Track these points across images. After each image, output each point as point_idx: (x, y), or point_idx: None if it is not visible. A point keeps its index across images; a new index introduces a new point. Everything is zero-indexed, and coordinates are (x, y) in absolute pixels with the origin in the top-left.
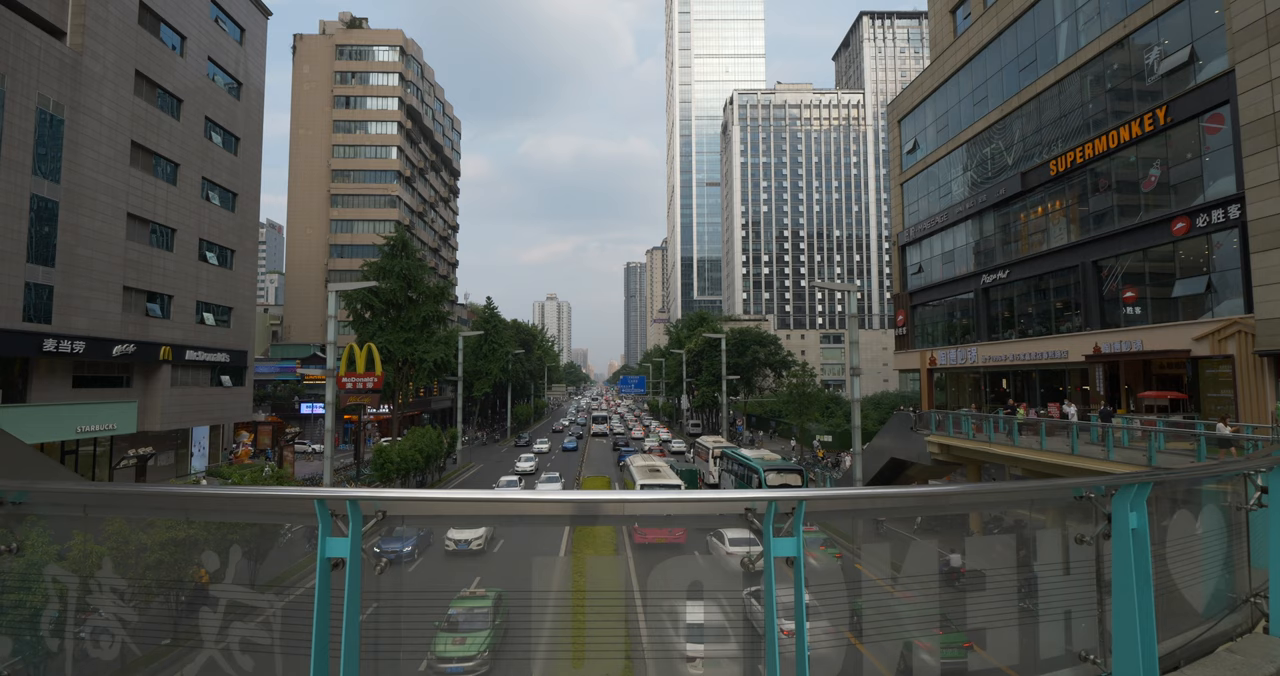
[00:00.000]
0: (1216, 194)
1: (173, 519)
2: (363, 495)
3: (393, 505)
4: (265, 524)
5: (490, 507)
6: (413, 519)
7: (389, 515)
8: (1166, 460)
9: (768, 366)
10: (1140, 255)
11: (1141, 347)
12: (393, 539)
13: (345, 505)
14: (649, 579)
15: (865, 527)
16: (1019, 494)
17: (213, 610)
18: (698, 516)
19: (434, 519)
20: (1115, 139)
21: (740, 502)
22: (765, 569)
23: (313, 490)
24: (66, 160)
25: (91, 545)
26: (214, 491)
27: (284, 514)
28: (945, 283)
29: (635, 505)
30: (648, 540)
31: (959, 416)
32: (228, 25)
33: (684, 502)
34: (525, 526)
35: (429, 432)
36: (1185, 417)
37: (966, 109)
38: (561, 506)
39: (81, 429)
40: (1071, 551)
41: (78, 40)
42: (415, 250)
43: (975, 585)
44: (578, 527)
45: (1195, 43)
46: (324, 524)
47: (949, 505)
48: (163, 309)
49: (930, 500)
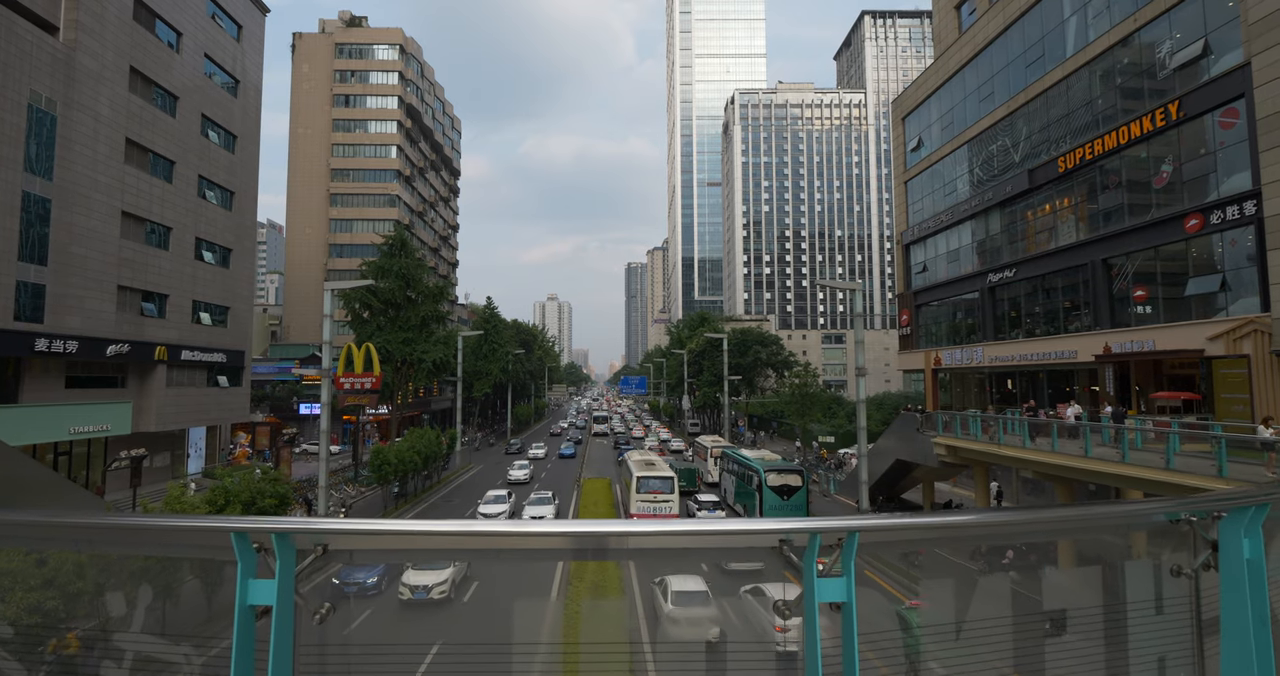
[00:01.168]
0: (1231, 190)
1: (72, 551)
2: (295, 526)
3: (337, 538)
4: (195, 558)
5: (461, 542)
6: (364, 554)
7: (331, 550)
8: (1186, 463)
9: (770, 367)
10: (1151, 253)
11: (1154, 347)
12: (355, 567)
13: (271, 539)
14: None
15: (912, 556)
16: (1099, 519)
17: (113, 665)
18: (720, 550)
19: (391, 553)
20: (1125, 135)
21: (773, 533)
22: (806, 619)
23: (230, 520)
24: (59, 157)
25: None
26: (106, 521)
27: (199, 546)
28: (950, 282)
29: (642, 538)
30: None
31: (967, 417)
32: (225, 22)
33: (703, 535)
34: (507, 564)
35: (427, 433)
36: (1199, 419)
37: (972, 106)
38: (552, 539)
39: (75, 430)
40: (1164, 585)
41: (70, 36)
42: (414, 249)
43: (1053, 627)
44: (575, 562)
45: (1209, 35)
46: (245, 562)
47: (1028, 531)
48: (158, 308)
49: (1006, 527)
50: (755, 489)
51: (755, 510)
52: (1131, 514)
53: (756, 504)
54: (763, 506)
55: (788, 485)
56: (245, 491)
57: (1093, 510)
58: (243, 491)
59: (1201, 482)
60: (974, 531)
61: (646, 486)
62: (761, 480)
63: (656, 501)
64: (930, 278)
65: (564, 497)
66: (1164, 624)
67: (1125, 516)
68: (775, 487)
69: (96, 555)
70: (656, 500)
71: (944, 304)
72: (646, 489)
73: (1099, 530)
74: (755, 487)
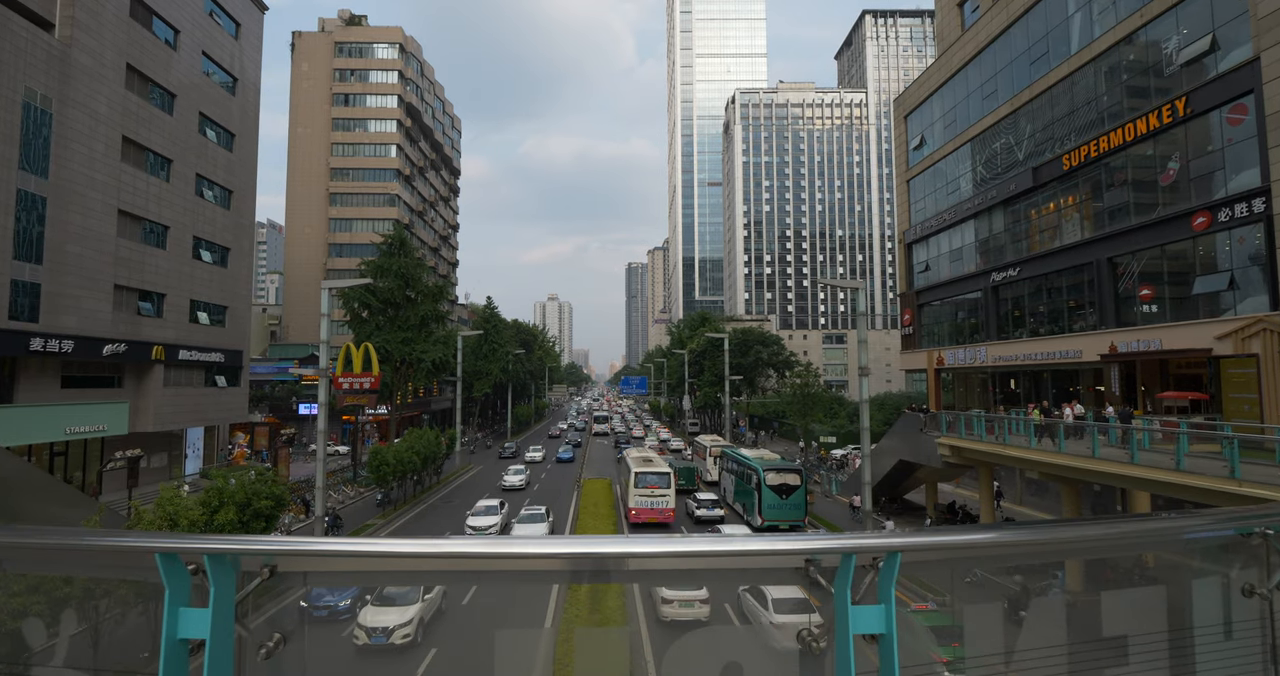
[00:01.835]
0: (1239, 187)
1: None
2: (235, 546)
3: (288, 559)
4: (128, 580)
5: (436, 564)
6: (322, 577)
7: (282, 572)
8: (1196, 464)
9: (771, 366)
10: (1158, 251)
11: (1160, 347)
12: (324, 590)
13: (205, 560)
14: (666, 661)
15: (955, 574)
16: (1170, 533)
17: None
18: (738, 571)
19: (354, 577)
20: (1131, 132)
21: (797, 554)
22: (838, 654)
23: (156, 539)
24: (55, 155)
25: None
26: (10, 540)
27: (126, 567)
28: (953, 281)
29: (647, 559)
30: (641, 520)
31: (971, 417)
32: (222, 19)
33: (718, 556)
34: (489, 591)
35: (426, 434)
36: (1207, 419)
37: (975, 103)
38: (544, 561)
39: (71, 430)
40: (1233, 607)
41: (66, 32)
42: (414, 249)
43: (1116, 655)
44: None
45: (1216, 31)
46: (174, 588)
47: (1102, 546)
48: (155, 308)
49: (1080, 543)
50: (754, 488)
51: (754, 509)
52: (1202, 526)
53: (755, 503)
54: (761, 505)
55: (786, 484)
56: (240, 492)
57: (1165, 523)
58: (237, 492)
59: (1213, 484)
60: (1040, 548)
61: (644, 482)
62: (760, 479)
63: (654, 496)
64: (933, 277)
65: (562, 504)
66: (1233, 650)
67: (1203, 527)
68: (774, 487)
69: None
70: (654, 495)
71: (947, 303)
72: (644, 484)
73: (1173, 544)
74: (754, 486)
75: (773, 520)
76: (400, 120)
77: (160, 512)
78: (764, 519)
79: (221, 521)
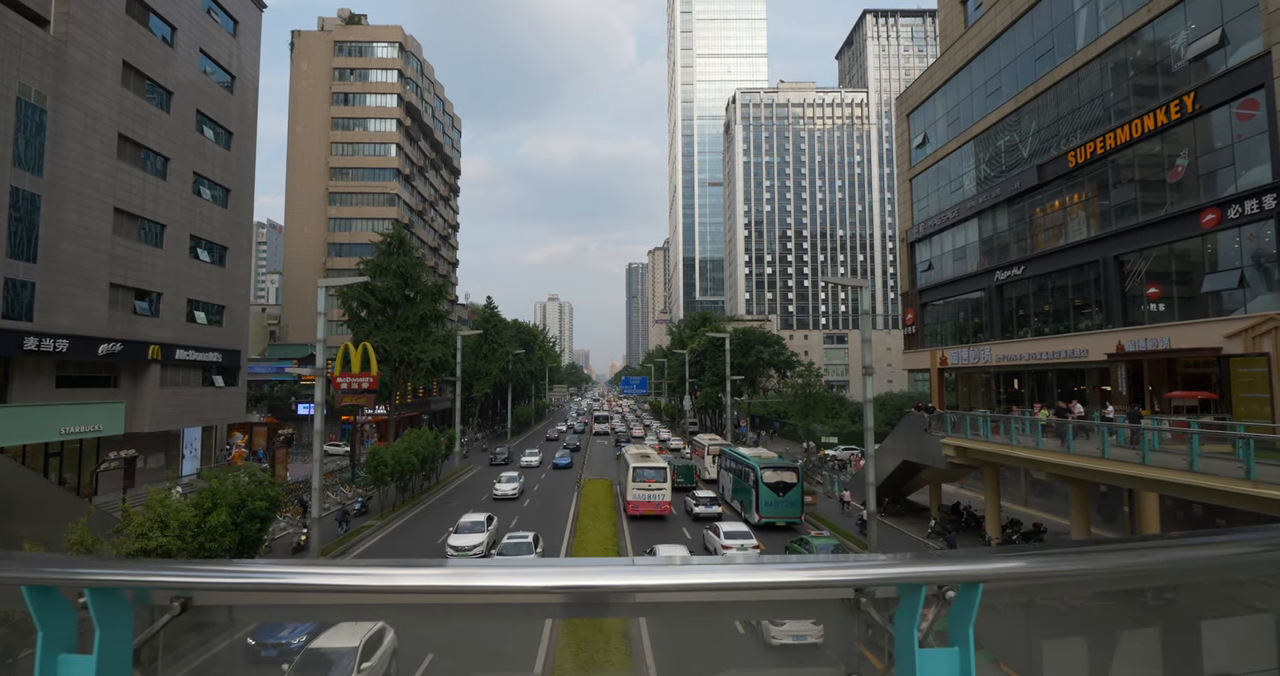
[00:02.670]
0: (1250, 184)
1: None
2: (130, 577)
3: (207, 593)
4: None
5: (390, 598)
6: (251, 612)
7: (198, 606)
8: (1208, 465)
9: (772, 366)
10: (1166, 249)
11: (1169, 346)
12: (276, 626)
13: (88, 595)
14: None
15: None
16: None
17: None
18: (768, 604)
19: (292, 611)
20: (1139, 128)
21: (845, 584)
22: None
23: (27, 567)
24: (49, 152)
25: None
26: None
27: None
28: (957, 280)
29: (658, 593)
30: (639, 513)
31: (976, 417)
32: (220, 17)
33: (744, 588)
34: (458, 631)
35: (425, 434)
36: (1217, 419)
37: (979, 101)
38: (531, 596)
39: (66, 430)
40: None
41: (61, 28)
42: (414, 248)
43: None
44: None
45: (1226, 25)
46: (50, 630)
47: (1237, 564)
48: (152, 307)
49: (1220, 561)
50: (751, 485)
51: (751, 506)
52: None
53: (752, 500)
54: (759, 502)
55: (783, 482)
56: (233, 493)
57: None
58: (230, 493)
59: (1228, 486)
60: (1167, 571)
61: (641, 476)
62: (758, 477)
63: (651, 489)
64: (936, 276)
65: (558, 518)
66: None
67: None
68: (771, 484)
69: None
70: (651, 488)
71: (950, 302)
72: (641, 479)
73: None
74: (751, 484)
75: (769, 517)
76: (400, 119)
77: (150, 514)
78: (761, 515)
79: (214, 523)
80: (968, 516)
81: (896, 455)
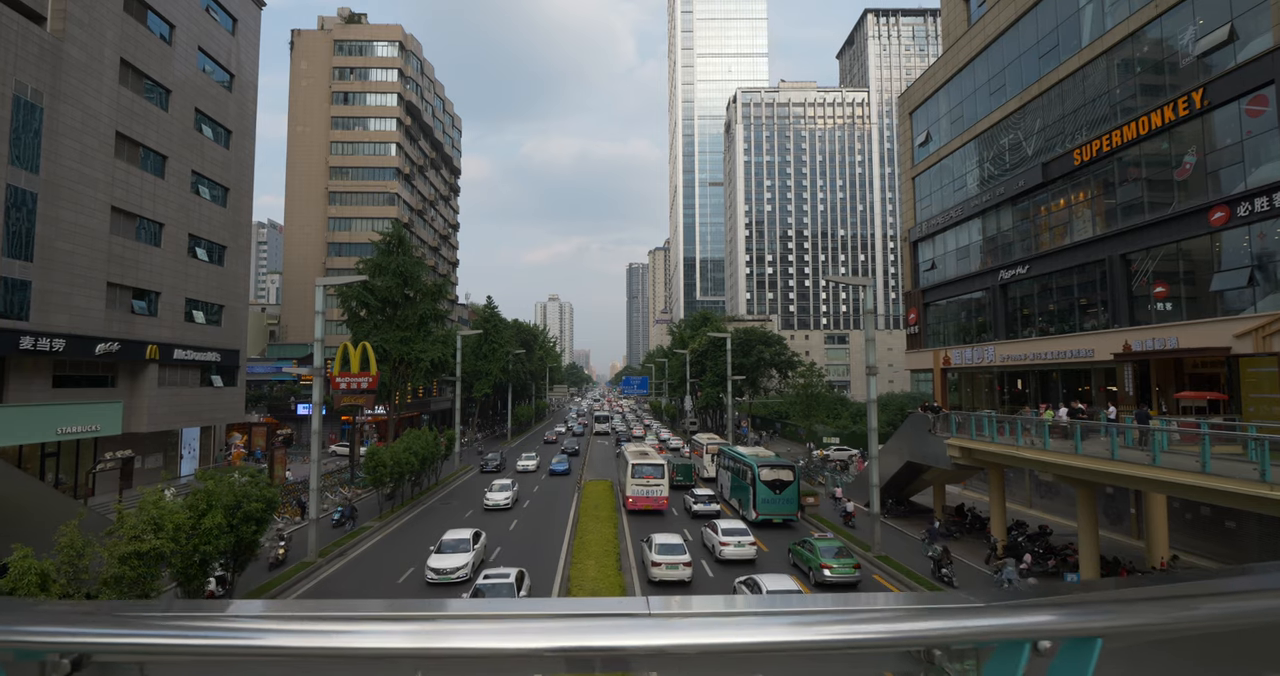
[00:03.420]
0: (1259, 181)
1: None
2: (17, 637)
3: (107, 648)
4: None
5: (349, 668)
6: (163, 670)
7: (95, 663)
8: (1220, 467)
9: (773, 366)
10: (1173, 248)
11: (1176, 345)
12: None
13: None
14: None
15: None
16: None
17: None
18: (825, 664)
19: (211, 668)
20: (1146, 125)
21: (919, 639)
22: None
23: None
24: (46, 150)
25: None
26: None
27: None
28: (960, 279)
29: (684, 660)
30: (637, 508)
31: (982, 417)
32: (219, 15)
33: (799, 650)
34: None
35: (424, 434)
36: (1226, 419)
37: (983, 99)
38: (521, 660)
39: (63, 430)
40: None
41: (58, 26)
42: (413, 248)
43: None
44: None
45: (1234, 20)
46: None
47: None
48: (149, 306)
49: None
50: (749, 483)
51: (749, 504)
52: None
53: (750, 498)
54: (756, 500)
55: (780, 480)
56: (229, 495)
57: None
58: (226, 495)
59: (1243, 488)
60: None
61: (640, 473)
62: (755, 475)
63: (649, 485)
64: (939, 275)
65: (555, 533)
66: None
67: None
68: (768, 482)
69: None
70: (649, 484)
71: (953, 302)
72: (640, 475)
73: None
74: (749, 482)
75: (767, 514)
76: (400, 118)
77: (143, 516)
78: (758, 512)
79: (208, 525)
80: (972, 518)
81: (900, 456)
